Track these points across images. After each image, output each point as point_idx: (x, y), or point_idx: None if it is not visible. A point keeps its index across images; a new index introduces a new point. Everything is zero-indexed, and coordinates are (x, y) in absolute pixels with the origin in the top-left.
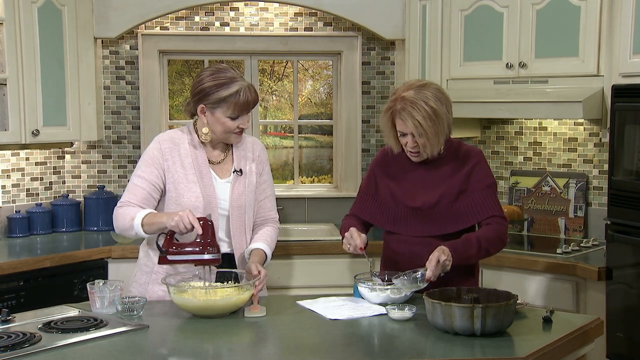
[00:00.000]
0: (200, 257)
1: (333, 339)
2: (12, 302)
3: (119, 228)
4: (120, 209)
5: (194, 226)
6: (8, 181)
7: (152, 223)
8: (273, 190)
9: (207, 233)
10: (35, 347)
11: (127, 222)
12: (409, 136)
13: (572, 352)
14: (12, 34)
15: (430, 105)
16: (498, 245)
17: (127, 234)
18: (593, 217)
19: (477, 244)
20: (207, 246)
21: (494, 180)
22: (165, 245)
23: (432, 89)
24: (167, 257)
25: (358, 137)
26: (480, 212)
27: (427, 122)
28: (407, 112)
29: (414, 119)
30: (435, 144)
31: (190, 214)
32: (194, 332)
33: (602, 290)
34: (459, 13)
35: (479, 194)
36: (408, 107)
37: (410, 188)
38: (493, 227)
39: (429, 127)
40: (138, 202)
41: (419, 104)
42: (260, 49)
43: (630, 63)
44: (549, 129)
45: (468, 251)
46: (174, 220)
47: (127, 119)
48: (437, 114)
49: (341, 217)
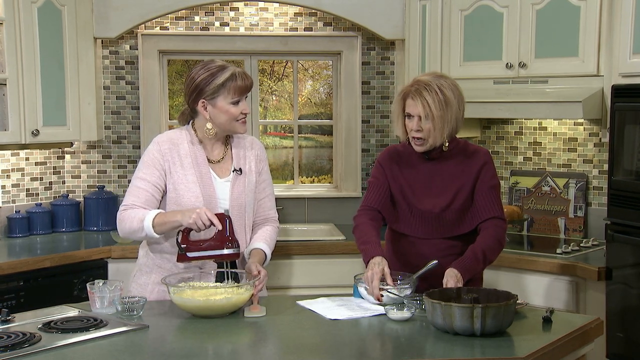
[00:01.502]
0: (220, 252)
1: (333, 339)
2: (12, 302)
3: (125, 231)
4: (125, 212)
5: (212, 222)
6: (8, 181)
7: (164, 222)
8: (272, 189)
9: (226, 228)
10: (35, 347)
11: (136, 224)
12: (415, 119)
13: (572, 352)
14: (12, 34)
15: (443, 92)
16: (497, 250)
17: (135, 237)
18: (593, 217)
19: (482, 257)
20: (226, 241)
21: (498, 181)
22: (184, 242)
23: (450, 81)
24: (187, 255)
25: (358, 137)
26: (481, 213)
27: (436, 106)
28: (419, 92)
29: (423, 100)
30: (440, 132)
31: (207, 210)
32: (194, 332)
33: (602, 290)
34: (459, 13)
35: (481, 195)
36: (421, 88)
37: (420, 188)
38: (491, 232)
39: (437, 112)
40: (142, 204)
41: (433, 87)
42: (260, 49)
43: (630, 63)
44: (548, 129)
45: (477, 267)
46: (191, 217)
47: (127, 119)
48: (448, 103)
49: (341, 217)
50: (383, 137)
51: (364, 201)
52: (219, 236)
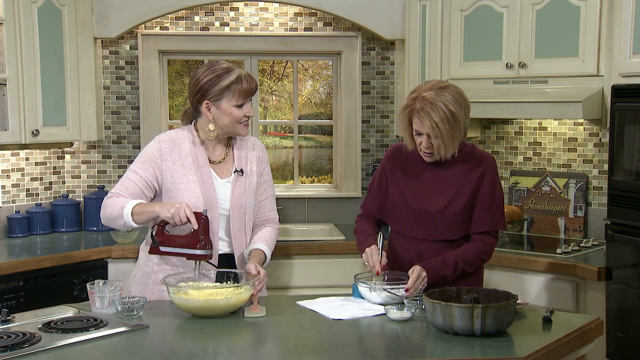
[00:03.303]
0: (193, 251)
1: (333, 339)
2: (12, 302)
3: (106, 217)
4: (110, 199)
5: (189, 220)
6: (8, 181)
7: (143, 212)
8: (273, 190)
9: (200, 228)
10: (35, 347)
11: (117, 211)
12: (424, 136)
13: (572, 352)
14: (12, 34)
15: (449, 109)
16: (476, 264)
17: (115, 224)
18: (593, 217)
19: (453, 266)
20: (200, 241)
21: (500, 192)
22: (158, 235)
23: (453, 92)
24: (159, 248)
25: (358, 137)
26: (474, 225)
27: (444, 124)
28: (425, 112)
29: (431, 120)
30: (450, 146)
31: (187, 207)
32: (194, 332)
33: (602, 290)
34: (459, 13)
35: (479, 207)
36: (427, 107)
37: (419, 190)
38: (476, 246)
39: (446, 130)
40: (129, 195)
41: (439, 105)
42: (260, 49)
43: (630, 63)
44: (548, 129)
45: (443, 272)
46: (169, 211)
47: (127, 119)
48: (455, 118)
49: (341, 217)
50: (383, 137)
51: (364, 205)
52: (193, 235)
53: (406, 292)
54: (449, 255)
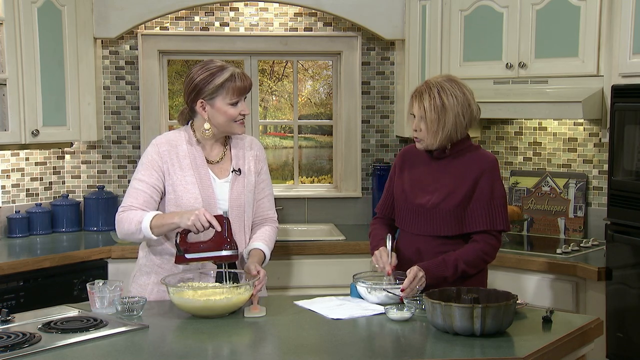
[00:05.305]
0: (219, 253)
1: (333, 339)
2: (12, 302)
3: (123, 233)
4: (124, 214)
5: (211, 224)
6: (8, 181)
7: (162, 225)
8: (271, 189)
9: (224, 230)
10: (35, 347)
11: (134, 225)
12: (415, 118)
13: (572, 352)
14: (12, 34)
15: (441, 97)
16: (478, 265)
17: (133, 238)
18: (593, 217)
19: (453, 266)
20: (224, 243)
21: (502, 193)
22: (182, 244)
23: (456, 87)
24: (185, 256)
25: (358, 137)
26: (472, 223)
27: (431, 112)
28: (420, 94)
29: (421, 103)
30: (433, 135)
31: (206, 212)
32: (194, 332)
33: (601, 290)
34: (459, 13)
35: (477, 204)
36: (424, 90)
37: (418, 186)
38: (477, 247)
39: (431, 116)
40: (140, 205)
41: (433, 92)
42: (260, 49)
43: (630, 63)
44: (548, 129)
45: (442, 272)
46: (189, 219)
47: (127, 119)
48: (445, 109)
49: (341, 217)
50: (383, 137)
51: (378, 206)
52: (217, 238)
53: (402, 292)
54: (449, 255)
